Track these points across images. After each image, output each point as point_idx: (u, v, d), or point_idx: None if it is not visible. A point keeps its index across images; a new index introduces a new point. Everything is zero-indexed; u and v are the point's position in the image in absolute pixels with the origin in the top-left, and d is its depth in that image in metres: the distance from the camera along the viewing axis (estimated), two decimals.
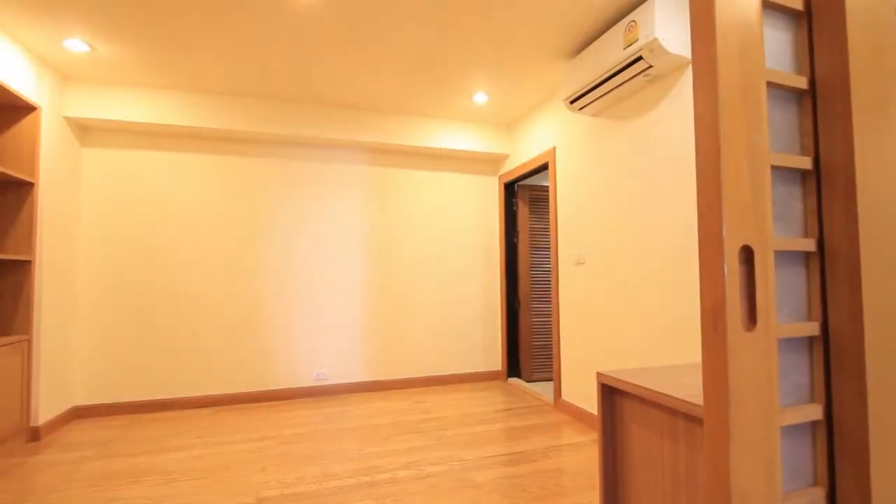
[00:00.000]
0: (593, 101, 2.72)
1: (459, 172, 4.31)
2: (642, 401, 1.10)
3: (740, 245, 0.73)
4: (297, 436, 2.84)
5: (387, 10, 2.36)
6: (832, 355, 0.80)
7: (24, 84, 2.70)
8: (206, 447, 2.67)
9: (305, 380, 3.76)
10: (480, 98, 3.52)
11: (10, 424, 2.59)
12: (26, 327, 2.72)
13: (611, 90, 2.56)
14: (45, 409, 2.89)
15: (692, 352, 2.21)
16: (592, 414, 2.95)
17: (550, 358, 4.15)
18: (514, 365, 4.24)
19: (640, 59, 2.25)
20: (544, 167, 3.63)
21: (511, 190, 4.30)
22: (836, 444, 0.79)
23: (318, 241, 3.85)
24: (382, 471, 2.31)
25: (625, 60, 2.32)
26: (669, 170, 2.35)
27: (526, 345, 4.15)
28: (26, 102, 2.69)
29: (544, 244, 4.24)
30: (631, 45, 2.25)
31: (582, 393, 3.09)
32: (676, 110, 2.31)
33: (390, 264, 4.04)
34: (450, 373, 4.16)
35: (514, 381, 4.15)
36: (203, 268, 3.56)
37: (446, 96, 3.50)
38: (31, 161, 2.75)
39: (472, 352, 4.24)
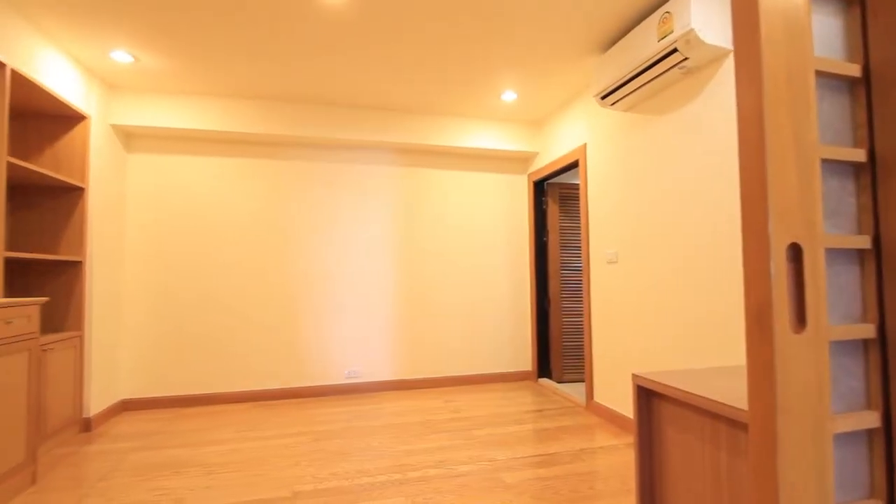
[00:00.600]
0: (626, 96, 2.65)
1: (488, 171, 4.29)
2: (681, 404, 1.06)
3: (788, 242, 0.69)
4: (329, 432, 2.90)
5: (413, 11, 2.37)
6: (890, 359, 0.75)
7: (75, 94, 2.87)
8: (244, 441, 2.76)
9: (337, 377, 3.83)
10: (509, 96, 3.50)
11: (65, 416, 2.76)
12: (78, 324, 2.88)
13: (644, 84, 2.49)
14: (95, 402, 3.05)
15: (734, 354, 2.12)
16: (626, 416, 2.88)
17: (582, 359, 4.08)
18: (544, 365, 4.19)
19: (675, 51, 2.18)
20: (574, 165, 3.57)
21: (540, 188, 4.25)
22: (895, 453, 0.74)
23: (349, 241, 3.91)
24: (413, 469, 2.33)
25: (659, 53, 2.25)
26: (707, 164, 2.27)
27: (556, 345, 4.10)
28: (77, 112, 2.85)
29: (575, 243, 4.17)
30: (665, 37, 2.18)
31: (615, 395, 3.02)
32: (715, 103, 2.22)
33: (420, 264, 4.06)
34: (479, 372, 4.15)
35: (544, 381, 4.10)
36: (240, 267, 3.68)
37: (474, 95, 3.49)
38: (82, 167, 2.91)
39: (501, 351, 4.22)
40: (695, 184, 2.34)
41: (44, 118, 2.87)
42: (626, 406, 2.91)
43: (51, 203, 2.88)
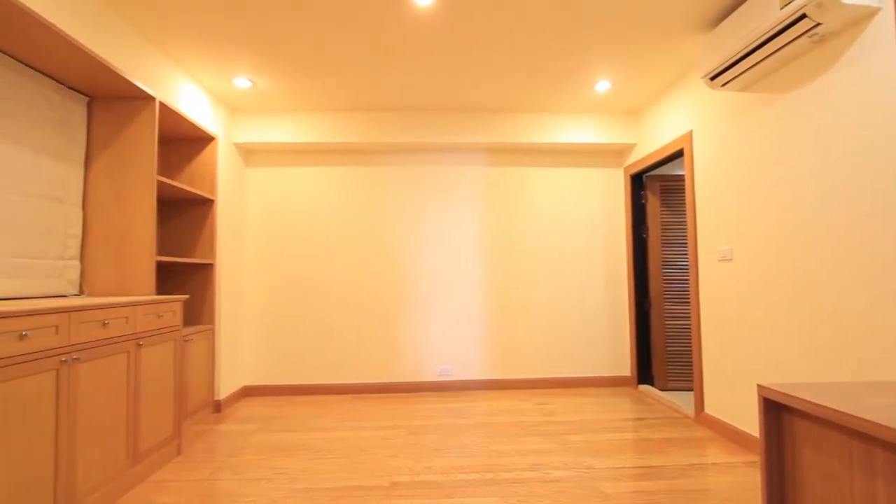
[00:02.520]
0: (739, 75, 2.38)
1: (580, 167, 4.12)
2: (822, 422, 0.92)
3: None
4: (424, 427, 2.99)
5: (503, 11, 2.35)
6: None
7: (206, 118, 3.30)
8: (346, 430, 2.95)
9: (430, 375, 3.94)
10: (603, 86, 3.32)
11: (201, 398, 3.18)
12: (211, 318, 3.31)
13: (762, 60, 2.21)
14: (224, 387, 3.48)
15: (883, 367, 1.79)
16: (745, 432, 2.58)
17: (689, 365, 3.74)
18: (645, 371, 3.91)
19: (803, 17, 1.90)
20: (678, 154, 3.28)
21: (638, 182, 3.98)
22: None
23: (441, 241, 4.00)
24: (506, 469, 2.31)
25: (782, 22, 1.98)
26: (844, 144, 1.94)
27: (659, 349, 3.80)
28: (207, 134, 3.27)
29: (679, 239, 3.83)
30: (790, 2, 1.92)
31: (731, 406, 2.72)
32: (855, 72, 1.90)
33: (511, 263, 4.03)
34: (573, 375, 3.99)
35: (645, 388, 3.83)
36: (341, 269, 3.95)
37: (565, 88, 3.38)
38: (212, 182, 3.34)
39: (597, 355, 4.02)
40: (827, 168, 2.02)
41: (182, 141, 3.34)
42: (744, 420, 2.60)
43: (188, 213, 3.34)
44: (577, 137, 3.85)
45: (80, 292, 2.51)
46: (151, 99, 2.60)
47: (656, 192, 3.88)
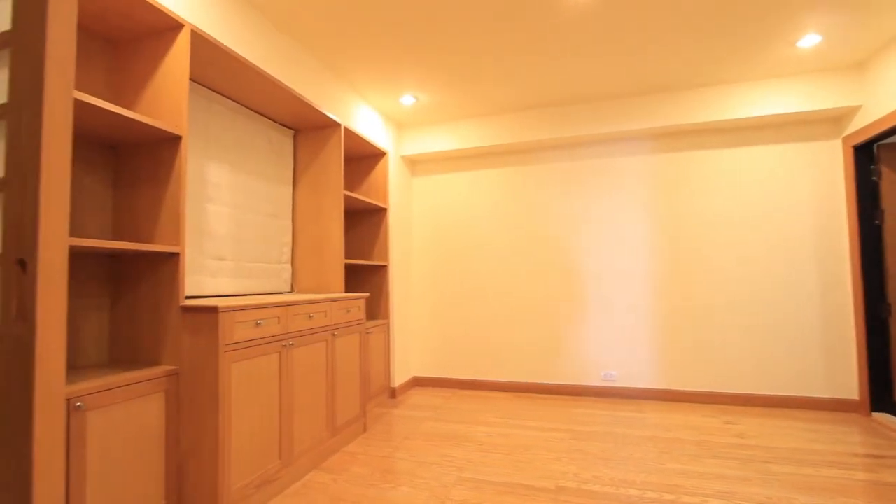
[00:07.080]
0: None
1: (778, 143, 3.43)
2: None
3: None
4: (589, 434, 2.85)
5: None
6: None
7: (379, 136, 3.72)
8: (508, 427, 2.99)
9: (594, 379, 3.74)
10: (809, 41, 2.70)
11: (380, 384, 3.59)
12: (386, 313, 3.71)
13: None
14: (398, 376, 3.86)
15: None
16: None
17: None
18: (882, 395, 3.05)
19: None
20: None
21: (866, 154, 3.13)
22: None
23: (607, 238, 3.78)
24: (688, 493, 2.05)
25: None
26: None
27: None
28: (380, 150, 3.68)
29: None
30: None
31: None
32: None
33: (690, 260, 3.58)
34: (772, 393, 3.35)
35: (883, 417, 2.99)
36: (504, 266, 4.04)
37: (756, 51, 2.85)
38: (385, 192, 3.75)
39: (806, 369, 3.30)
40: None
41: (360, 158, 3.83)
42: None
43: (367, 221, 3.81)
44: (772, 108, 3.21)
45: (291, 290, 3.07)
46: (338, 125, 3.04)
47: (894, 165, 3.00)
